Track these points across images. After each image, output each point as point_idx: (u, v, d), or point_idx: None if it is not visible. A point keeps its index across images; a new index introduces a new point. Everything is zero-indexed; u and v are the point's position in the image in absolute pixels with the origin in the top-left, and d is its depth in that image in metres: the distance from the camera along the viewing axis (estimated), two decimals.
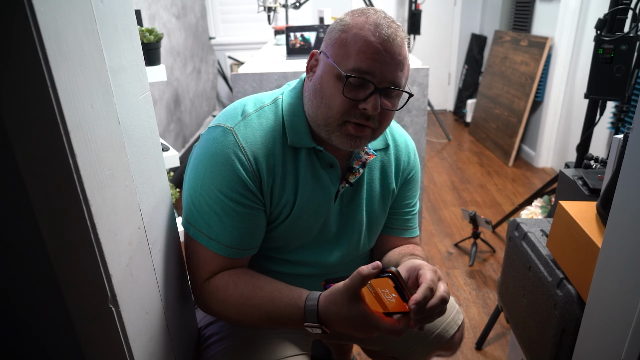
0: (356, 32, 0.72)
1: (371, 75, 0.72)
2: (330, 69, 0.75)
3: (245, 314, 0.78)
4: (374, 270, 0.65)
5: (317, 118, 0.78)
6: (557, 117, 3.16)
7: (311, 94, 0.79)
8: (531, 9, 3.41)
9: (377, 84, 0.72)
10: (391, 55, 0.72)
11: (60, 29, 0.46)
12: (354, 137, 0.76)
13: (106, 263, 0.55)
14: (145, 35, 1.29)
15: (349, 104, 0.73)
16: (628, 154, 0.67)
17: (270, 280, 0.80)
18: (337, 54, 0.74)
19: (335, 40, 0.75)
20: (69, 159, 0.49)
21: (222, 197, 0.76)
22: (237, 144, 0.77)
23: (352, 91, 0.73)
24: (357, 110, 0.74)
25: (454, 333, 1.01)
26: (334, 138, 0.77)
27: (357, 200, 0.89)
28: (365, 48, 0.71)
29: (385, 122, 0.78)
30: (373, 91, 0.72)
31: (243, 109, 0.82)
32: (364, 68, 0.71)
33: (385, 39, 0.71)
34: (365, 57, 0.71)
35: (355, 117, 0.74)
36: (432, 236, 2.41)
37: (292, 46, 2.22)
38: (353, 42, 0.72)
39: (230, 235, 0.78)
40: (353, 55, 0.72)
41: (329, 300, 0.71)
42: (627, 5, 1.45)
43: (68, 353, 0.63)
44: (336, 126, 0.76)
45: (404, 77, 0.75)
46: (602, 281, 0.75)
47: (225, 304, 0.79)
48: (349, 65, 0.72)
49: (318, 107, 0.77)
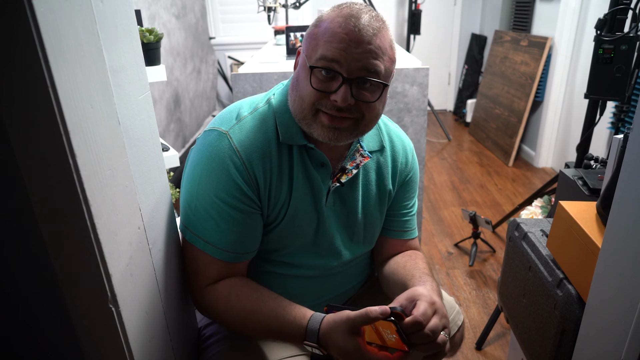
0: (326, 25, 0.73)
1: (338, 65, 0.71)
2: (302, 62, 0.76)
3: (246, 326, 0.78)
4: (381, 316, 0.65)
5: (295, 112, 0.78)
6: (557, 117, 3.16)
7: (290, 90, 0.80)
8: (531, 9, 3.41)
9: (345, 74, 0.71)
10: (358, 44, 0.71)
11: (60, 29, 0.46)
12: (333, 128, 0.75)
13: (106, 263, 0.55)
14: (145, 35, 1.28)
15: (318, 95, 0.73)
16: (628, 154, 0.67)
17: (274, 296, 0.79)
18: (309, 47, 0.75)
19: (308, 34, 0.76)
20: (69, 159, 0.49)
21: (218, 201, 0.76)
22: (232, 148, 0.76)
23: (322, 83, 0.73)
24: (329, 101, 0.73)
25: (454, 334, 1.01)
26: (314, 131, 0.77)
27: (352, 202, 0.88)
28: (331, 38, 0.71)
29: (369, 113, 0.76)
30: (342, 82, 0.72)
31: (238, 112, 0.81)
32: (329, 56, 0.71)
33: (351, 28, 0.70)
34: (332, 46, 0.71)
35: (327, 107, 0.74)
36: (432, 236, 2.41)
37: (292, 46, 2.22)
38: (322, 34, 0.73)
39: (227, 239, 0.78)
40: (320, 46, 0.72)
41: (331, 327, 0.70)
42: (627, 5, 1.45)
43: (68, 353, 0.63)
44: (311, 117, 0.75)
45: (381, 67, 0.73)
46: (602, 281, 0.75)
47: (227, 315, 0.79)
48: (316, 56, 0.72)
49: (294, 100, 0.77)
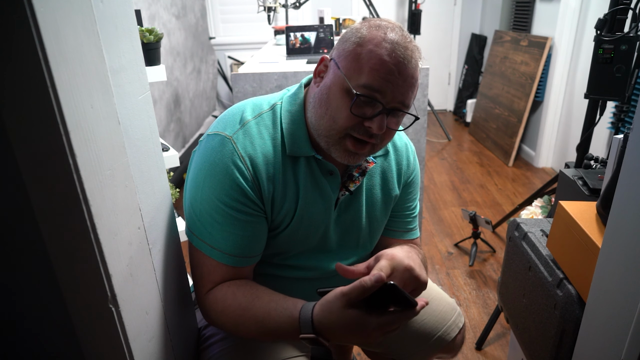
0: (371, 49, 0.70)
1: (381, 95, 0.71)
2: (339, 81, 0.73)
3: (243, 325, 0.76)
4: (377, 284, 0.63)
5: (320, 128, 0.76)
6: (557, 117, 3.16)
7: (316, 102, 0.77)
8: (531, 9, 3.41)
9: (385, 104, 0.71)
10: (404, 78, 0.70)
11: (60, 29, 0.46)
12: (353, 153, 0.76)
13: (106, 263, 0.55)
14: (145, 35, 1.28)
15: (354, 120, 0.72)
16: (628, 154, 0.67)
17: (270, 292, 0.77)
18: (350, 67, 0.72)
19: (350, 52, 0.72)
20: (69, 159, 0.49)
21: (223, 206, 0.76)
22: (236, 153, 0.76)
23: (359, 108, 0.72)
24: (362, 127, 0.73)
25: (455, 336, 1.01)
26: (333, 150, 0.77)
27: (356, 207, 0.88)
28: (379, 67, 0.69)
29: (387, 139, 0.77)
30: (380, 111, 0.71)
31: (241, 116, 0.80)
32: (376, 86, 0.70)
33: (400, 60, 0.70)
34: (379, 75, 0.69)
35: (359, 132, 0.73)
36: (432, 236, 2.41)
37: (292, 46, 2.22)
38: (367, 58, 0.70)
39: (233, 243, 0.77)
40: (366, 72, 0.70)
41: (325, 308, 0.68)
42: (627, 5, 1.45)
43: (68, 353, 0.63)
44: (337, 139, 0.75)
45: (412, 98, 0.74)
46: (602, 281, 0.75)
47: (224, 315, 0.77)
48: (360, 81, 0.70)
49: (322, 116, 0.75)
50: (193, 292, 0.98)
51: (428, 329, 1.00)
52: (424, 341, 0.99)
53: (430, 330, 1.00)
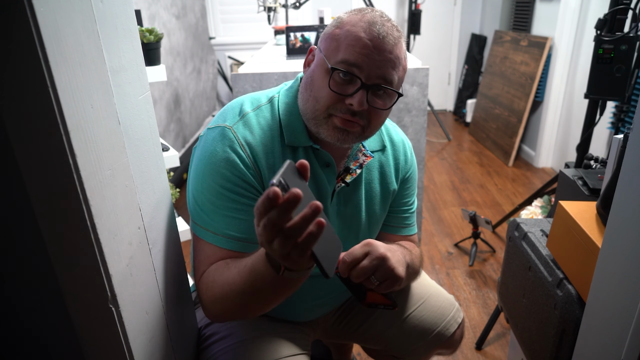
0: (349, 28, 0.73)
1: (358, 70, 0.72)
2: (321, 63, 0.76)
3: (233, 303, 0.72)
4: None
5: (307, 111, 0.78)
6: (557, 117, 3.16)
7: (302, 88, 0.80)
8: (531, 9, 3.41)
9: (364, 79, 0.72)
10: (380, 52, 0.72)
11: (60, 29, 0.46)
12: (342, 130, 0.76)
13: (106, 263, 0.55)
14: (145, 35, 1.29)
15: (335, 97, 0.74)
16: (628, 154, 0.67)
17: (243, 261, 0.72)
18: (328, 47, 0.75)
19: (329, 35, 0.76)
20: (69, 159, 0.49)
21: (223, 190, 0.76)
22: (236, 141, 0.77)
23: (339, 85, 0.73)
24: (343, 105, 0.74)
25: (454, 331, 1.02)
26: (322, 131, 0.77)
27: (355, 201, 0.89)
28: (354, 42, 0.72)
29: (375, 120, 0.77)
30: (360, 87, 0.73)
31: (240, 108, 0.82)
32: (351, 60, 0.72)
33: (375, 35, 0.72)
34: (354, 50, 0.72)
35: (341, 111, 0.74)
36: (432, 236, 2.41)
37: (292, 46, 2.22)
38: (344, 37, 0.73)
39: (234, 227, 0.77)
40: (342, 49, 0.73)
41: None
42: (627, 5, 1.45)
43: (68, 353, 0.63)
44: (322, 119, 0.76)
45: (396, 77, 0.75)
46: (602, 281, 0.75)
47: (216, 286, 0.73)
48: (337, 58, 0.73)
49: (307, 99, 0.78)
50: (193, 292, 0.99)
51: (427, 325, 1.00)
52: (423, 337, 1.00)
53: (429, 325, 1.00)
